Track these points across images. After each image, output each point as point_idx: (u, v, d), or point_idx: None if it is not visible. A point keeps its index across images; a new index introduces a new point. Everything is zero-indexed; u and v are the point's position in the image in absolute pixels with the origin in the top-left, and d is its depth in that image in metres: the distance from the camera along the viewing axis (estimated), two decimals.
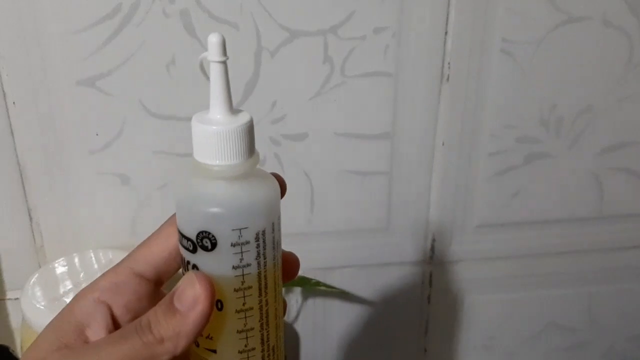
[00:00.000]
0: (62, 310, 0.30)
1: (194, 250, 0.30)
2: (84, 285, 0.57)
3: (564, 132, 0.70)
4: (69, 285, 0.59)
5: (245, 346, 0.33)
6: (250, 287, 0.31)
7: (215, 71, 0.28)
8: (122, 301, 0.30)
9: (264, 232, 0.31)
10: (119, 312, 0.30)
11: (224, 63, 0.28)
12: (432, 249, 0.74)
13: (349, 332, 0.78)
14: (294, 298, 0.75)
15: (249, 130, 0.30)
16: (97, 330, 0.29)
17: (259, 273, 0.32)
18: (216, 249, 0.30)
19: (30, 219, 0.65)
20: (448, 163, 0.69)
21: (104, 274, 0.31)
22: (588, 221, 0.76)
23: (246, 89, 0.62)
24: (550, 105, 0.68)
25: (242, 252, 0.30)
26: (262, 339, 0.34)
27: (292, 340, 0.78)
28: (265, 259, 0.32)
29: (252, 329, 0.32)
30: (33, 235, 0.65)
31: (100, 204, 0.65)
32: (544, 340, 0.84)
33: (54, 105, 0.60)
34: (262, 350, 0.34)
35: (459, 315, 0.80)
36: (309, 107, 0.64)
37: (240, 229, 0.30)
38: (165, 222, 0.33)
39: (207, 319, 0.28)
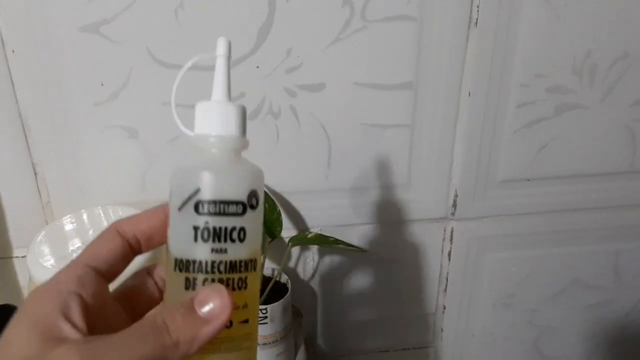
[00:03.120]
0: (24, 307, 0.28)
1: (243, 212, 0.31)
2: None
3: (597, 81, 0.66)
4: (77, 243, 0.56)
5: (259, 305, 0.35)
6: (263, 246, 0.35)
7: (220, 64, 0.33)
8: (90, 290, 0.29)
9: None
10: (89, 300, 0.29)
11: (227, 58, 0.33)
12: (454, 205, 0.71)
13: (367, 291, 0.76)
14: (310, 256, 0.73)
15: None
16: (77, 319, 0.28)
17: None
18: (258, 207, 0.32)
19: (35, 174, 0.62)
20: (474, 115, 0.65)
21: (61, 272, 0.30)
22: (618, 176, 0.73)
23: (259, 35, 0.58)
24: (584, 52, 0.64)
25: (262, 211, 0.33)
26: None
27: (308, 299, 0.76)
28: None
29: (259, 290, 0.34)
30: (39, 191, 0.63)
31: (108, 159, 0.62)
32: (566, 298, 0.81)
33: (56, 54, 0.56)
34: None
35: (480, 272, 0.78)
36: (326, 55, 0.60)
37: (263, 189, 0.33)
38: (107, 228, 0.33)
39: (222, 330, 0.29)
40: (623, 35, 0.64)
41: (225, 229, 0.31)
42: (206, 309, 0.28)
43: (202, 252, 0.30)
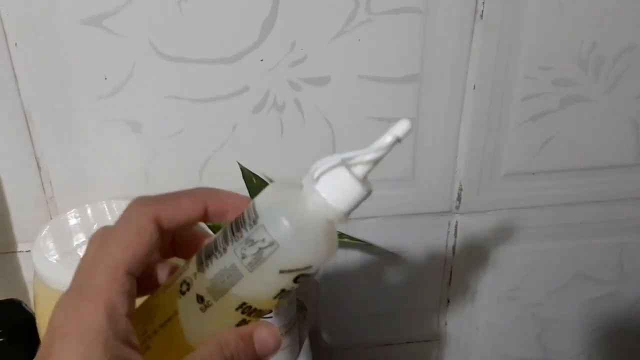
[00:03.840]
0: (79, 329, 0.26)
1: (295, 280, 0.31)
2: None
3: (603, 73, 0.65)
4: (82, 237, 0.56)
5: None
6: None
7: (388, 144, 0.32)
8: (130, 305, 0.29)
9: None
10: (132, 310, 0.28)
11: (396, 143, 0.31)
12: (459, 198, 0.71)
13: (370, 284, 0.76)
14: None
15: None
16: (134, 340, 0.28)
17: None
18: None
19: (39, 168, 0.62)
20: (478, 108, 0.65)
21: (103, 282, 0.28)
22: (623, 169, 0.72)
23: (263, 27, 0.58)
24: (590, 44, 0.63)
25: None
26: None
27: (312, 293, 0.76)
28: None
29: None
30: (42, 185, 0.63)
31: (111, 153, 0.62)
32: (570, 291, 0.81)
33: (59, 47, 0.56)
34: None
35: (484, 266, 0.77)
36: (331, 48, 0.60)
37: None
38: (145, 217, 0.30)
39: None
40: (629, 27, 0.63)
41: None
42: (264, 348, 0.30)
43: (272, 305, 0.32)
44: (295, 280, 0.31)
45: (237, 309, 0.31)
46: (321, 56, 0.60)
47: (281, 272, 0.30)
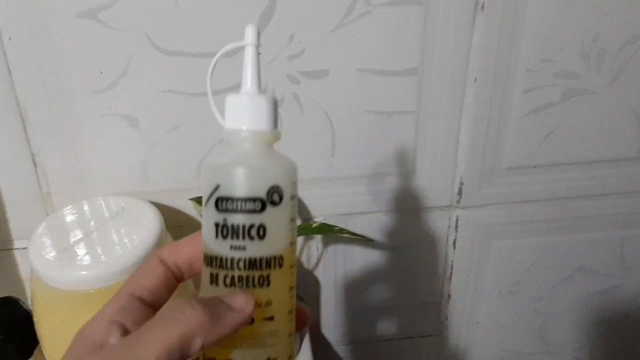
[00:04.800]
0: (71, 344, 0.29)
1: (262, 209, 0.30)
2: (95, 234, 0.54)
3: (605, 66, 0.65)
4: (79, 234, 0.55)
5: (292, 305, 0.33)
6: (295, 242, 0.33)
7: (249, 53, 0.32)
8: (133, 319, 0.30)
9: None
10: (133, 328, 0.29)
11: (256, 47, 0.32)
12: (460, 192, 0.70)
13: (371, 279, 0.76)
14: (314, 245, 0.72)
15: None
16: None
17: (297, 228, 0.33)
18: (282, 203, 0.31)
19: (35, 164, 0.61)
20: (480, 101, 0.64)
21: (105, 304, 0.31)
22: (625, 162, 0.72)
23: (261, 20, 0.57)
24: (592, 36, 0.63)
25: (294, 206, 0.32)
26: (295, 299, 0.33)
27: (312, 288, 0.75)
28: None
29: (293, 286, 0.33)
30: (38, 181, 0.62)
31: (108, 148, 0.61)
32: (572, 285, 0.81)
33: (54, 41, 0.55)
34: (294, 311, 0.33)
35: (485, 260, 0.77)
36: (330, 41, 0.59)
37: (294, 182, 0.32)
38: (150, 257, 0.33)
39: (240, 328, 0.29)
40: (631, 18, 0.63)
41: (244, 226, 0.30)
42: (234, 301, 0.29)
43: (222, 248, 0.31)
44: (217, 208, 0.30)
45: (204, 263, 0.31)
46: (320, 49, 0.59)
47: (205, 204, 0.31)
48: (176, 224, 0.65)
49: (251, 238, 0.30)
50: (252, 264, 0.30)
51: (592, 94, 0.66)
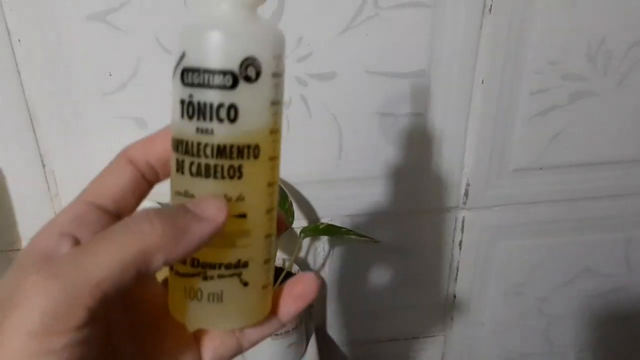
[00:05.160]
0: (19, 254, 0.26)
1: (233, 85, 0.26)
2: None
3: (612, 68, 0.65)
4: None
5: (271, 204, 0.28)
6: (278, 131, 0.28)
7: None
8: (88, 231, 0.26)
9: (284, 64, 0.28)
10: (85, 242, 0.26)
11: None
12: (466, 194, 0.71)
13: (377, 280, 0.76)
14: (320, 246, 0.72)
15: None
16: None
17: (281, 114, 0.28)
18: (259, 80, 0.26)
19: (44, 165, 0.61)
20: (487, 103, 0.65)
21: (62, 210, 0.27)
22: (631, 164, 0.72)
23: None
24: (599, 39, 0.63)
25: (278, 85, 0.27)
26: (277, 197, 0.29)
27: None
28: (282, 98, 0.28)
29: (274, 182, 0.28)
30: (47, 182, 0.62)
31: (116, 150, 0.61)
32: (577, 286, 0.81)
33: (63, 43, 0.55)
34: (275, 210, 0.29)
35: (491, 261, 0.77)
36: (338, 43, 0.59)
37: (279, 56, 0.27)
38: (116, 156, 0.29)
39: (211, 240, 0.25)
40: (638, 21, 0.63)
41: (211, 105, 0.26)
42: (203, 208, 0.25)
43: (188, 130, 0.26)
44: (183, 82, 0.26)
45: (172, 147, 0.27)
46: (328, 51, 0.59)
47: (172, 76, 0.27)
48: None
49: (220, 120, 0.26)
50: (221, 151, 0.26)
51: (598, 96, 0.66)
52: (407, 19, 0.59)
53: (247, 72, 0.26)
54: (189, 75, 0.26)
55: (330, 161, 0.66)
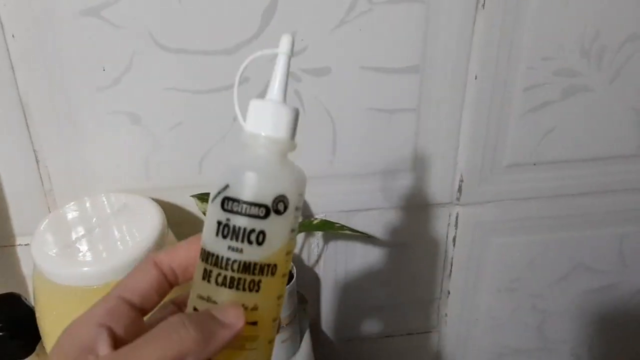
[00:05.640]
0: (58, 342, 0.29)
1: (265, 216, 0.31)
2: (97, 231, 0.55)
3: (605, 63, 0.65)
4: (81, 231, 0.56)
5: (277, 313, 0.33)
6: (291, 253, 0.33)
7: (281, 62, 0.33)
8: (121, 323, 0.30)
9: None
10: (120, 332, 0.30)
11: (289, 57, 0.33)
12: (460, 189, 0.71)
13: (371, 276, 0.76)
14: (314, 242, 0.72)
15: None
16: (104, 350, 0.29)
17: (295, 239, 0.34)
18: (286, 213, 0.31)
19: (37, 160, 0.61)
20: (480, 98, 0.65)
21: (96, 304, 0.31)
22: (624, 159, 0.72)
23: (263, 18, 0.57)
24: (592, 34, 0.63)
25: (297, 217, 0.33)
26: (282, 308, 0.34)
27: (313, 285, 0.76)
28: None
29: (282, 295, 0.33)
30: (41, 178, 0.62)
31: (110, 145, 0.61)
32: (570, 282, 0.81)
33: (57, 38, 0.55)
34: (278, 319, 0.34)
35: (484, 257, 0.77)
36: (331, 38, 0.59)
37: (302, 194, 0.33)
38: (145, 259, 0.33)
39: (229, 344, 0.29)
40: (632, 16, 0.63)
41: (245, 229, 0.31)
42: (226, 315, 0.30)
43: (220, 247, 0.31)
44: (223, 208, 0.31)
45: (200, 257, 0.32)
46: (322, 47, 0.59)
47: (212, 201, 0.32)
48: (178, 220, 0.65)
49: (250, 242, 0.31)
50: (246, 267, 0.31)
51: (592, 92, 0.66)
52: (401, 14, 0.59)
53: (277, 206, 0.31)
54: (229, 203, 0.31)
55: (324, 157, 0.66)
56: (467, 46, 0.62)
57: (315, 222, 0.67)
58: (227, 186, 0.31)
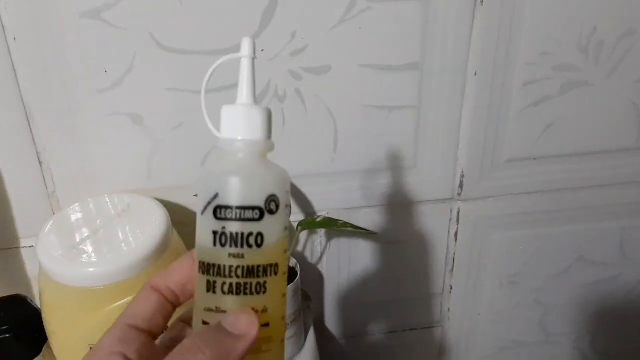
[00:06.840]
0: None
1: (260, 217, 0.31)
2: (101, 232, 0.55)
3: (603, 58, 0.65)
4: (85, 232, 0.56)
5: (284, 312, 0.33)
6: (288, 250, 0.34)
7: (245, 65, 0.33)
8: (133, 347, 0.31)
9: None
10: (134, 357, 0.30)
11: (252, 60, 0.33)
12: (461, 185, 0.71)
13: (374, 272, 0.77)
14: (317, 239, 0.72)
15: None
16: None
17: (289, 237, 0.34)
18: (278, 211, 0.32)
19: (40, 163, 0.61)
20: (480, 94, 0.65)
21: (105, 334, 0.32)
22: (624, 153, 0.72)
23: (263, 18, 0.57)
24: (590, 29, 0.63)
25: (288, 215, 0.33)
26: (287, 307, 0.35)
27: (316, 282, 0.76)
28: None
29: (285, 293, 0.34)
30: (44, 180, 0.62)
31: (113, 146, 0.62)
32: (572, 275, 0.82)
33: (58, 41, 0.56)
34: (285, 317, 0.34)
35: (486, 252, 0.78)
36: (331, 37, 0.59)
37: (288, 191, 0.33)
38: (143, 287, 0.34)
39: (247, 354, 0.30)
40: (629, 11, 0.63)
41: (242, 234, 0.31)
42: (237, 327, 0.30)
43: (220, 256, 0.31)
44: (216, 217, 0.31)
45: (199, 271, 0.32)
46: (322, 45, 0.60)
47: (202, 212, 0.32)
48: (181, 220, 0.65)
49: (249, 246, 0.31)
50: (250, 271, 0.31)
51: (590, 86, 0.67)
52: (400, 11, 0.59)
53: (270, 206, 0.32)
54: (223, 211, 0.31)
55: (326, 154, 0.66)
56: (466, 42, 0.62)
57: (318, 219, 0.67)
58: (216, 195, 0.31)
